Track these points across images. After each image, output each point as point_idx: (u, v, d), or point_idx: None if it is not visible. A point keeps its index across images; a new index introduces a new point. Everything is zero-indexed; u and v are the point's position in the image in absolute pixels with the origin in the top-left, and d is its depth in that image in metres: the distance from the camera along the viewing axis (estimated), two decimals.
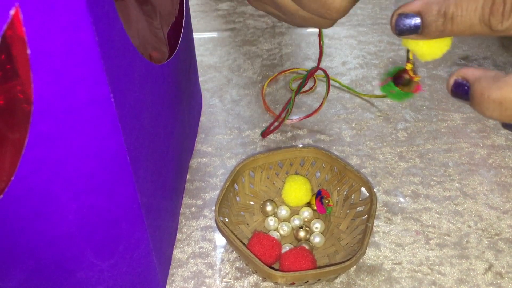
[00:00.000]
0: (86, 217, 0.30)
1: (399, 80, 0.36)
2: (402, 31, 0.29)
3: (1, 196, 0.26)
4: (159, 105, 0.37)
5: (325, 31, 0.66)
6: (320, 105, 0.53)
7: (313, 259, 0.40)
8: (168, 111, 0.40)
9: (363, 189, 0.44)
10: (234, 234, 0.39)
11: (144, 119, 0.32)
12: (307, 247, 0.41)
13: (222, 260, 0.42)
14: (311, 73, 0.51)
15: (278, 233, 0.43)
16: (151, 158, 0.35)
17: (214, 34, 0.67)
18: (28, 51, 0.22)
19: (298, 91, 0.52)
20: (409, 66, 0.35)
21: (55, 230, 0.29)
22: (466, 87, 0.29)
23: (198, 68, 0.58)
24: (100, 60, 0.24)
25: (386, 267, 0.41)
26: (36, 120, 0.24)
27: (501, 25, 0.27)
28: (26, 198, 0.27)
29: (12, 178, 0.25)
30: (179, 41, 0.40)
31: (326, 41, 0.64)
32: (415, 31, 0.29)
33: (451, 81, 0.30)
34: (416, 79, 0.35)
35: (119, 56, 0.26)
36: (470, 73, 0.29)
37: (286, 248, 0.42)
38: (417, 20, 0.29)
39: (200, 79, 0.58)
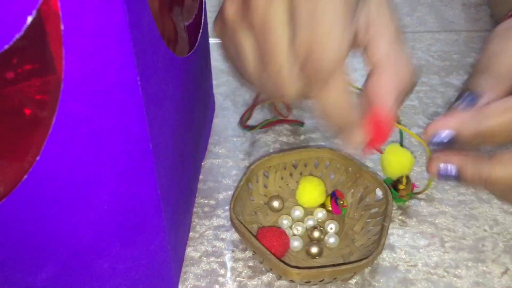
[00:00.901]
0: (108, 204, 0.30)
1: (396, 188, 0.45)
2: (439, 146, 0.32)
3: (26, 176, 0.26)
4: (180, 99, 0.37)
5: None
6: None
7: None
8: (187, 107, 0.40)
9: (377, 191, 0.44)
10: (249, 230, 0.39)
11: (166, 110, 0.32)
12: (318, 248, 0.41)
13: (235, 259, 0.42)
14: None
15: (291, 232, 0.43)
16: (170, 151, 0.35)
17: None
18: (62, 27, 0.22)
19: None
20: (402, 187, 0.45)
21: (77, 216, 0.29)
22: (453, 172, 0.32)
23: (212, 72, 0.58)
24: (130, 41, 0.24)
25: (401, 269, 0.41)
26: (64, 99, 0.24)
27: None
28: (50, 181, 0.27)
29: (38, 158, 0.25)
30: (199, 36, 0.40)
31: None
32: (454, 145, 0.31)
33: (434, 168, 0.33)
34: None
35: (146, 40, 0.26)
36: (453, 158, 0.32)
37: (294, 242, 0.42)
38: (453, 137, 0.31)
39: (213, 83, 0.59)
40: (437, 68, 0.61)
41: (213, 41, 0.66)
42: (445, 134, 0.31)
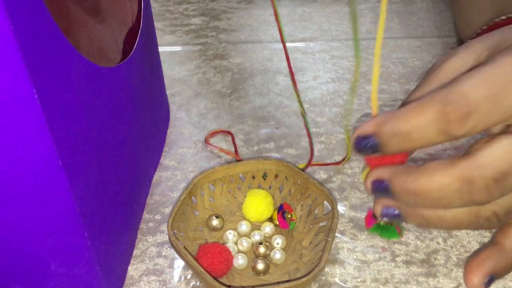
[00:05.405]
0: (16, 225, 0.28)
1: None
2: (362, 152, 0.29)
3: None
4: (109, 110, 0.35)
5: (298, 46, 0.65)
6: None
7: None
8: (122, 120, 0.38)
9: (327, 203, 0.43)
10: (186, 249, 0.37)
11: (85, 123, 0.31)
12: (263, 265, 0.39)
13: (179, 278, 0.40)
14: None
15: (236, 247, 0.41)
16: (95, 166, 0.33)
17: (184, 48, 0.65)
18: None
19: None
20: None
21: None
22: (385, 185, 0.29)
23: (166, 82, 0.56)
24: (19, 52, 0.22)
25: (350, 285, 0.39)
26: None
27: (460, 130, 0.26)
28: None
29: None
30: (134, 46, 0.38)
31: (298, 55, 0.63)
32: (376, 151, 0.29)
33: (369, 184, 0.30)
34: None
35: (45, 50, 0.24)
36: (384, 172, 0.29)
37: (238, 260, 0.39)
38: (374, 141, 0.28)
39: (168, 92, 0.57)
40: (398, 75, 0.60)
41: (164, 49, 0.64)
42: (368, 139, 0.28)
